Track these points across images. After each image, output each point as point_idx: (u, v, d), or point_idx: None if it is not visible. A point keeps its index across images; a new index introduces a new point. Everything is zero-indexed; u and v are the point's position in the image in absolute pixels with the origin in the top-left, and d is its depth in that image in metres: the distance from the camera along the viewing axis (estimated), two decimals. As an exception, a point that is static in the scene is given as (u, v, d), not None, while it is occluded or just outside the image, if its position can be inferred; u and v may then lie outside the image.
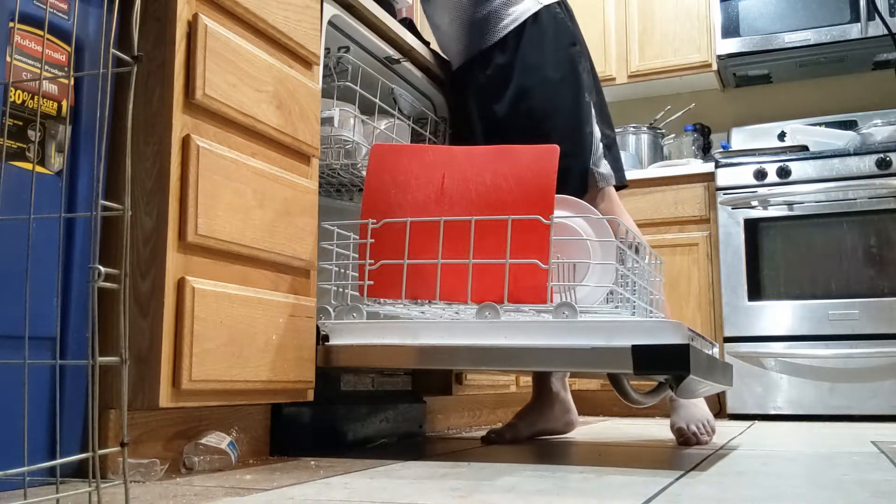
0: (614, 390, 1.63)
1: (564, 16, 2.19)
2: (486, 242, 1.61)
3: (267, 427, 1.66)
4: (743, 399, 3.24)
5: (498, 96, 2.14)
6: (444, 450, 1.86)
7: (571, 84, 2.13)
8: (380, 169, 1.72)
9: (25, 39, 1.19)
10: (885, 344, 3.09)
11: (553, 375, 2.26)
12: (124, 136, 0.95)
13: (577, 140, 2.11)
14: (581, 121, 2.12)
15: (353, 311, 1.67)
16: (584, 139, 2.12)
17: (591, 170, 2.12)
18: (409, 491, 1.17)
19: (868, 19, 3.52)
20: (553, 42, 2.13)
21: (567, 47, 2.16)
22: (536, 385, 2.29)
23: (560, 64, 2.13)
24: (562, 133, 2.07)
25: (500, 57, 2.16)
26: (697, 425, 1.97)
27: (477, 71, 2.21)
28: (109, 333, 1.25)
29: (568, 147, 2.04)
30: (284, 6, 1.61)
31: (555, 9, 2.18)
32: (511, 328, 1.52)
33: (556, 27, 2.15)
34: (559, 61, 2.13)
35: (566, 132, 2.09)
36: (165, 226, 1.31)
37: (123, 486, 0.85)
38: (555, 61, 2.12)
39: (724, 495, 1.15)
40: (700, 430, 1.96)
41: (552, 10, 2.18)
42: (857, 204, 3.21)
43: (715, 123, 4.09)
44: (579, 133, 2.11)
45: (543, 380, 2.26)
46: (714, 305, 3.39)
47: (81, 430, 1.26)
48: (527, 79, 2.10)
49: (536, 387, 2.28)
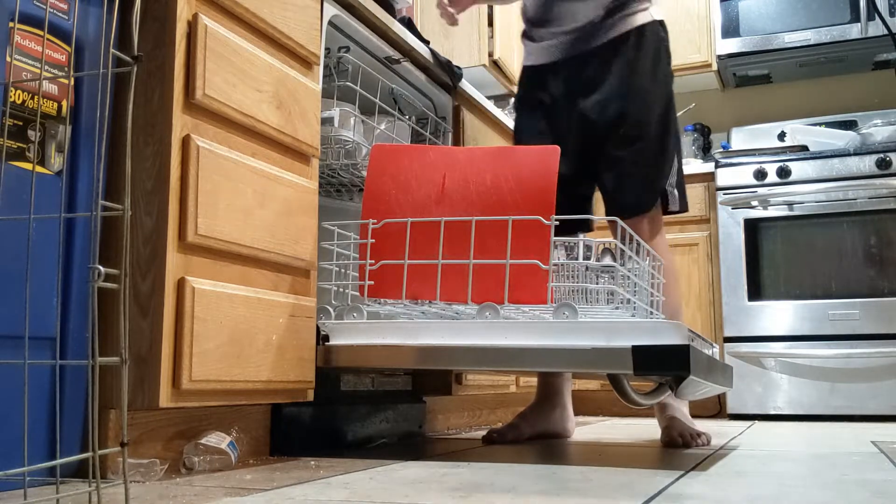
0: (614, 390, 1.63)
1: (665, 34, 2.19)
2: (486, 243, 1.61)
3: (267, 427, 1.66)
4: (743, 399, 3.24)
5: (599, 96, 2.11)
6: (444, 450, 1.86)
7: (669, 112, 2.16)
8: (380, 169, 1.72)
9: (25, 39, 1.19)
10: (885, 344, 3.09)
11: (558, 378, 2.25)
12: (124, 136, 0.95)
13: (661, 160, 2.13)
14: (667, 146, 2.15)
15: (354, 312, 1.67)
16: (667, 161, 2.15)
17: (666, 190, 2.15)
18: (409, 491, 1.17)
19: (868, 19, 3.52)
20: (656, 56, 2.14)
21: (668, 65, 2.18)
22: (542, 386, 2.28)
23: (660, 82, 2.14)
24: (652, 148, 2.10)
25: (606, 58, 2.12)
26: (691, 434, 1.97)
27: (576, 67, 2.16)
28: (109, 333, 1.24)
29: (652, 161, 2.12)
30: (284, 6, 1.61)
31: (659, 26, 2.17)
32: (511, 328, 1.52)
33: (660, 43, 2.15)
34: (659, 79, 2.14)
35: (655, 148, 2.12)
36: (165, 226, 1.31)
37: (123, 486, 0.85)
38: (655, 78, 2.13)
39: (724, 495, 1.15)
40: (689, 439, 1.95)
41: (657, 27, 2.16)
42: (857, 204, 3.21)
43: (715, 123, 4.09)
44: (665, 155, 2.14)
45: (550, 382, 2.26)
46: (714, 305, 3.39)
47: (81, 430, 1.25)
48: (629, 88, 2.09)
49: (542, 388, 2.27)
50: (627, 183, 2.11)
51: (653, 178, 2.13)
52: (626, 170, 2.10)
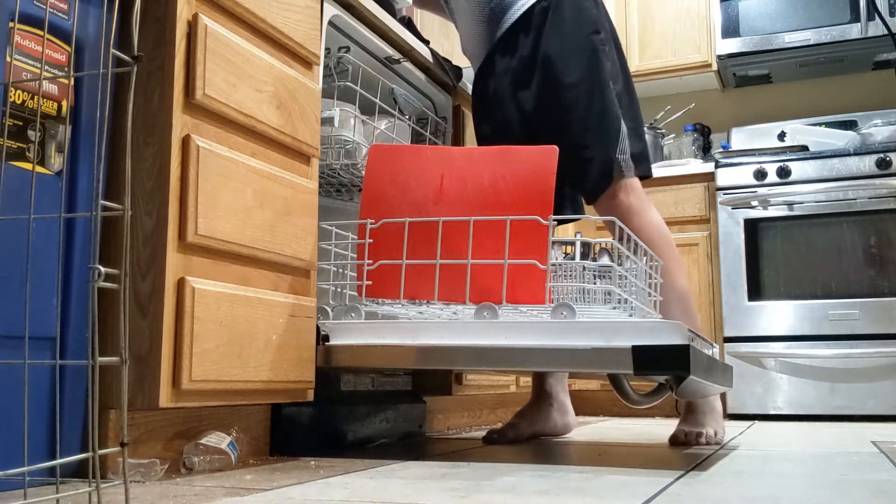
0: (614, 390, 1.63)
1: (589, 2, 2.09)
2: (484, 243, 1.61)
3: (267, 427, 1.66)
4: (743, 399, 3.24)
5: (526, 85, 2.06)
6: (444, 450, 1.87)
7: (593, 74, 2.03)
8: (379, 169, 1.72)
9: (25, 39, 1.19)
10: (885, 344, 3.09)
11: (551, 377, 2.26)
12: (124, 136, 0.95)
13: (600, 131, 2.02)
14: (604, 111, 2.03)
15: (352, 311, 1.67)
16: (608, 129, 2.02)
17: (615, 159, 2.01)
18: (409, 491, 1.17)
19: (868, 19, 3.52)
20: (573, 29, 2.04)
21: (589, 35, 2.05)
22: (535, 385, 2.29)
23: (581, 53, 2.03)
24: (585, 124, 2.00)
25: (523, 45, 2.07)
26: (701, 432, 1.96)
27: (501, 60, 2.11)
28: (109, 333, 1.25)
29: (590, 138, 2.01)
30: (284, 6, 1.61)
31: None
32: (511, 328, 1.52)
33: (578, 14, 2.06)
34: (580, 50, 2.03)
35: (589, 122, 2.01)
36: (165, 226, 1.31)
37: (123, 486, 0.85)
38: (576, 50, 2.03)
39: (724, 495, 1.15)
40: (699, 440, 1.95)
41: None
42: (857, 204, 3.21)
43: (715, 123, 4.09)
44: (603, 123, 2.02)
45: (542, 380, 2.27)
46: (714, 305, 3.39)
47: (81, 430, 1.26)
48: (548, 69, 2.02)
49: (536, 386, 2.29)
50: (575, 168, 2.01)
51: (601, 152, 2.02)
52: (571, 156, 1.96)
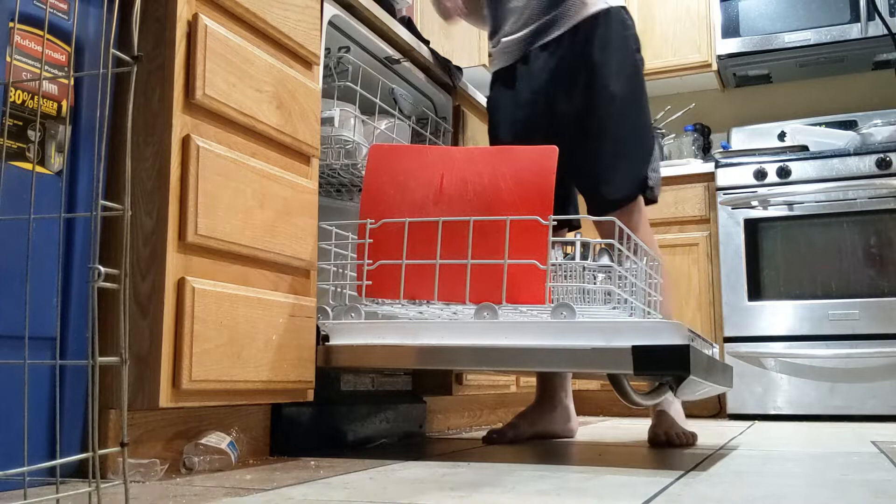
0: (614, 390, 1.63)
1: (631, 21, 2.16)
2: (484, 243, 1.61)
3: (267, 427, 1.66)
4: (743, 399, 3.24)
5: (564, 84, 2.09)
6: (444, 450, 1.86)
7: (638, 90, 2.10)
8: (378, 169, 1.72)
9: (25, 39, 1.19)
10: (885, 344, 3.09)
11: (554, 380, 2.25)
12: (124, 136, 0.95)
13: (639, 145, 2.08)
14: (645, 128, 2.10)
15: (352, 311, 1.67)
16: (644, 146, 2.09)
17: (647, 176, 2.08)
18: (409, 491, 1.17)
19: (868, 19, 3.52)
20: (622, 44, 2.09)
21: (634, 52, 2.13)
22: (540, 387, 2.28)
23: (627, 68, 2.09)
24: (625, 135, 2.06)
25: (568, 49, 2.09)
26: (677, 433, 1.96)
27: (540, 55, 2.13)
28: (109, 333, 1.25)
29: (628, 150, 2.06)
30: (284, 6, 1.61)
31: (623, 13, 2.14)
32: (511, 328, 1.52)
33: (625, 31, 2.11)
34: (626, 65, 2.09)
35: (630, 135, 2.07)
36: (165, 226, 1.31)
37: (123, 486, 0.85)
38: (623, 64, 2.08)
39: (724, 495, 1.15)
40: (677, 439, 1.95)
41: (622, 14, 2.14)
42: (857, 204, 3.21)
43: (715, 123, 4.09)
44: (642, 139, 2.09)
45: (546, 382, 2.26)
46: (714, 305, 3.39)
47: (81, 431, 1.26)
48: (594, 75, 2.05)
49: (540, 388, 2.28)
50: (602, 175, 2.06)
51: (634, 167, 2.08)
52: (601, 163, 2.05)
